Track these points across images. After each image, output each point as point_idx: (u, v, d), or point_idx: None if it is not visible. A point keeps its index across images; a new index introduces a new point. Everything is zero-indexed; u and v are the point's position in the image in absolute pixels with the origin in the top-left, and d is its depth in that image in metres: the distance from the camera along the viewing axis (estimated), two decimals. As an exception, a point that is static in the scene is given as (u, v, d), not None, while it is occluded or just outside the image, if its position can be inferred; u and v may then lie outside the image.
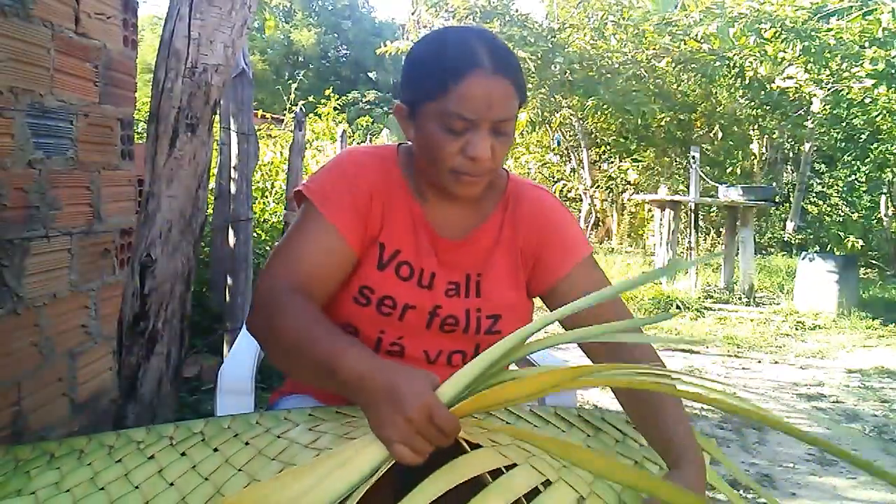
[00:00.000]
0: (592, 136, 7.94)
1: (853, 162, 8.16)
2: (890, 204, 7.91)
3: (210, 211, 3.22)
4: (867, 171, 7.90)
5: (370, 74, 26.04)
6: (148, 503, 0.73)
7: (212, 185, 3.17)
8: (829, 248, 6.12)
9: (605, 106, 6.60)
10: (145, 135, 1.35)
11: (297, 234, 0.93)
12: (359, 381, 0.73)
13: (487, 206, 1.01)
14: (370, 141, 10.20)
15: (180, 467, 0.78)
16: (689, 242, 6.47)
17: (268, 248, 3.79)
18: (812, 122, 7.48)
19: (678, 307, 5.08)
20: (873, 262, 7.67)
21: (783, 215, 9.56)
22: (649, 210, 8.69)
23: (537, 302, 1.06)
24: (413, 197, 0.98)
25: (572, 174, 8.41)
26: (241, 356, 1.23)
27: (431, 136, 0.89)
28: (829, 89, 5.97)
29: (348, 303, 0.96)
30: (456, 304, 0.98)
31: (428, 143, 0.90)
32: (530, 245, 1.01)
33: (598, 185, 8.55)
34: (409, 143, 0.99)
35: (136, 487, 0.75)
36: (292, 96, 5.54)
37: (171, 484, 0.76)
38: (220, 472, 0.77)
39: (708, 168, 7.63)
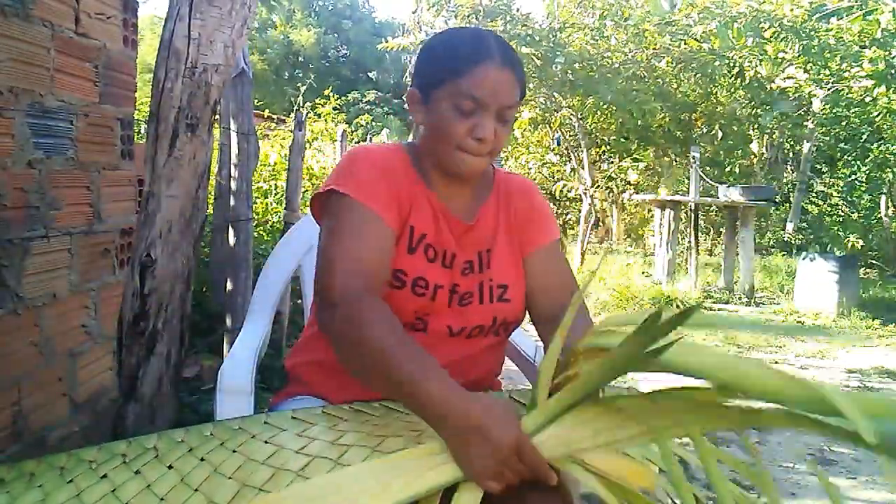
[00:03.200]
0: (592, 135, 7.93)
1: (853, 162, 8.16)
2: (890, 204, 7.92)
3: (210, 211, 3.22)
4: (867, 171, 7.91)
5: (370, 74, 26.03)
6: None
7: (211, 185, 3.17)
8: (829, 248, 6.10)
9: (604, 106, 6.59)
10: (145, 135, 1.35)
11: (347, 227, 0.95)
12: (442, 415, 0.74)
13: (484, 188, 1.12)
14: (370, 140, 10.19)
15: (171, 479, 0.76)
16: (689, 242, 6.46)
17: (269, 248, 3.78)
18: (812, 122, 7.47)
19: (678, 307, 5.08)
20: (873, 262, 7.66)
21: (783, 215, 9.55)
22: (649, 210, 8.69)
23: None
24: (425, 185, 1.05)
25: (572, 174, 8.40)
26: (241, 356, 1.23)
27: (443, 115, 0.97)
28: (829, 89, 5.96)
29: (384, 287, 0.98)
30: (471, 280, 1.05)
31: (440, 122, 0.98)
32: (519, 220, 1.12)
33: (598, 185, 8.54)
34: (412, 141, 1.09)
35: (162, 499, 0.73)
36: (300, 99, 5.53)
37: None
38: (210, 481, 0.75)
39: (708, 168, 7.63)
